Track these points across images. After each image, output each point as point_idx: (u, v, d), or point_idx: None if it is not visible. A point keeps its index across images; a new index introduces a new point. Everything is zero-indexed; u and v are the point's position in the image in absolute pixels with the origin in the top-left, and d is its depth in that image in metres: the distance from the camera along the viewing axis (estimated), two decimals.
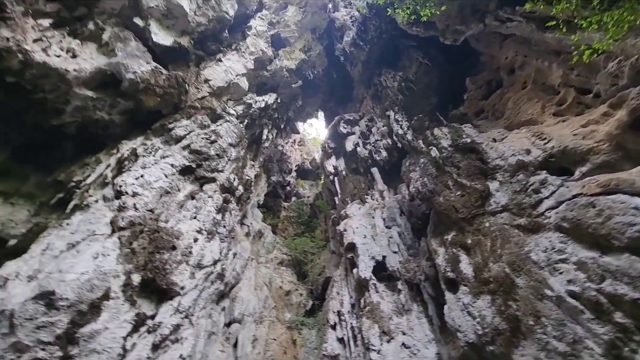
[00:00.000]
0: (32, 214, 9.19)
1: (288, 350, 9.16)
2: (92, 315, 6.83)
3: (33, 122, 9.80)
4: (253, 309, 9.65)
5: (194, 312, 8.24)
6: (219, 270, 9.53)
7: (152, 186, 9.19)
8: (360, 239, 10.76)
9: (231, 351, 8.17)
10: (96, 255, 7.43)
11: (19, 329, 6.22)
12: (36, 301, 6.47)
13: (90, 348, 6.48)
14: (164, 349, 7.34)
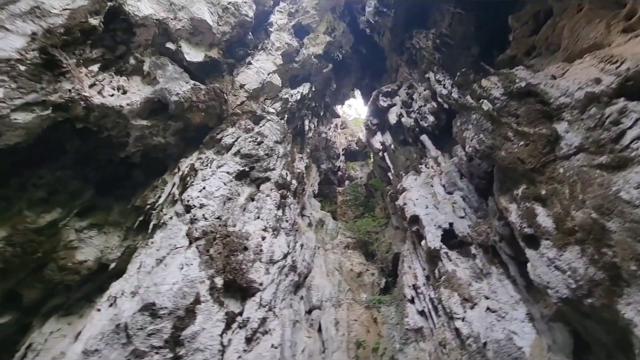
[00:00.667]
0: (122, 239, 10.37)
1: (370, 328, 9.36)
2: (190, 319, 7.58)
3: (105, 158, 10.95)
4: (329, 294, 9.98)
5: (275, 305, 8.75)
6: (290, 263, 9.97)
7: (215, 195, 9.81)
8: (422, 210, 10.49)
9: (317, 336, 8.58)
10: (181, 266, 8.18)
11: (134, 338, 7.12)
12: (142, 313, 7.34)
13: (194, 347, 7.21)
14: (256, 341, 7.92)
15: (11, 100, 8.01)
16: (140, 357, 6.88)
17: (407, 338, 8.26)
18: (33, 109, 8.47)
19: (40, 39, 8.66)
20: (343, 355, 8.44)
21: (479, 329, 7.08)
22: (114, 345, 7.15)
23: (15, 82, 8.08)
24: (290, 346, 8.05)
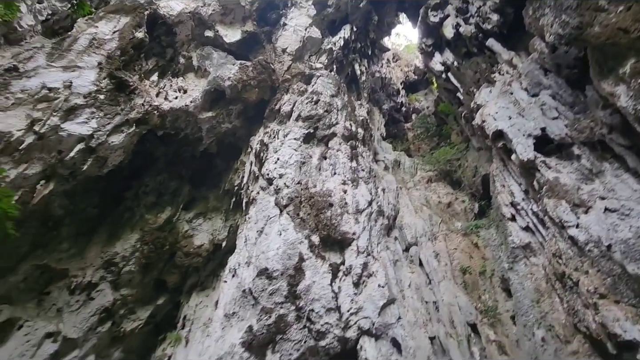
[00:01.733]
0: (224, 220, 11.68)
1: (473, 254, 9.23)
2: (300, 275, 8.40)
3: (188, 155, 12.16)
4: (422, 229, 10.01)
5: (372, 249, 9.14)
6: (377, 208, 10.16)
7: (289, 163, 10.26)
8: (505, 123, 9.51)
9: (420, 270, 8.82)
10: (279, 233, 8.95)
11: (260, 299, 8.20)
12: (259, 277, 8.35)
13: (311, 298, 8.04)
14: (363, 284, 8.47)
15: (104, 127, 9.26)
16: (268, 312, 7.95)
17: (515, 256, 7.95)
18: (122, 130, 9.68)
19: (105, 67, 9.66)
20: (449, 283, 8.56)
21: (598, 233, 6.43)
22: (245, 307, 8.37)
23: (102, 111, 9.27)
24: (396, 283, 8.45)
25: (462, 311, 7.77)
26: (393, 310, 7.87)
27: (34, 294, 8.65)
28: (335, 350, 7.66)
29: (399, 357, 7.21)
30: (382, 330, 7.70)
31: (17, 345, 7.78)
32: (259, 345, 7.61)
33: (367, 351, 7.46)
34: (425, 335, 7.37)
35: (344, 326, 7.84)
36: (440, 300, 8.06)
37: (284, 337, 7.74)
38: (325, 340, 7.72)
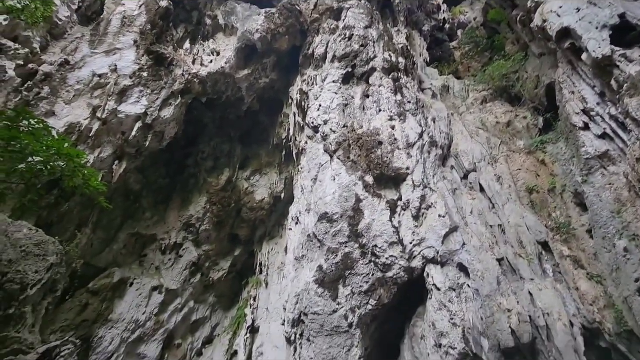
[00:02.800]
0: (278, 173, 12.17)
1: (539, 171, 8.62)
2: (358, 215, 8.66)
3: (234, 116, 12.52)
4: (480, 154, 9.49)
5: (428, 181, 9.00)
6: (428, 140, 9.77)
7: (332, 107, 10.08)
8: (571, 17, 8.16)
9: (481, 195, 8.54)
10: (332, 178, 9.13)
11: (324, 241, 8.70)
12: (320, 222, 8.78)
13: (372, 235, 8.33)
14: (423, 216, 8.51)
15: (154, 103, 9.79)
16: (334, 252, 8.46)
17: (590, 167, 7.27)
18: (169, 102, 10.16)
19: (141, 44, 9.92)
20: (515, 204, 8.22)
21: None
22: (312, 249, 8.97)
23: (148, 88, 9.73)
24: (456, 211, 8.34)
25: (530, 231, 7.52)
26: (456, 238, 7.89)
27: (135, 257, 10.14)
28: (402, 279, 8.04)
29: (467, 280, 7.37)
30: (447, 257, 7.84)
31: (133, 298, 9.38)
32: (330, 281, 8.24)
33: (434, 277, 7.71)
34: (493, 257, 7.35)
35: (408, 257, 8.11)
36: (505, 222, 7.85)
37: (352, 272, 8.27)
38: (391, 271, 8.10)
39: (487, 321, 6.52)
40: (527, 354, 6.19)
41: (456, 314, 7.05)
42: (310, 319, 8.08)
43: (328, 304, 8.09)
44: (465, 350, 6.72)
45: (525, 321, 6.18)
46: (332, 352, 7.72)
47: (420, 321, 7.75)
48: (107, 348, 8.65)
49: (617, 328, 5.78)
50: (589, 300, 6.25)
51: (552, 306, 6.21)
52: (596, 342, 6.20)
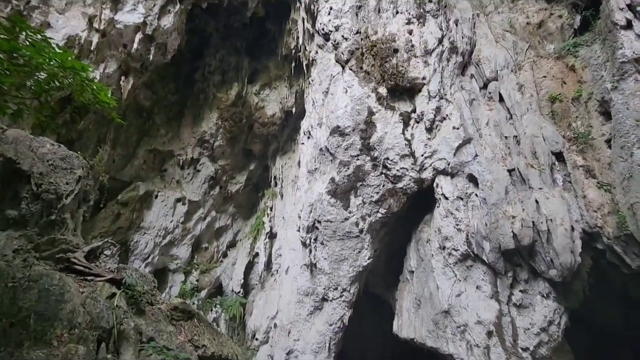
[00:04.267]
0: (289, 87, 11.78)
1: (566, 79, 8.02)
2: (371, 128, 8.57)
3: (239, 24, 11.62)
4: (504, 61, 8.78)
5: (445, 92, 8.59)
6: (448, 46, 9.00)
7: (344, 11, 9.18)
8: None
9: (499, 106, 8.15)
10: (345, 90, 8.80)
11: (336, 154, 8.82)
12: (333, 135, 8.78)
13: (384, 148, 8.37)
14: (437, 129, 8.38)
15: (152, 11, 9.08)
16: (346, 165, 8.64)
17: (624, 72, 6.69)
18: (168, 10, 9.41)
19: None
20: (534, 115, 7.90)
21: None
22: (325, 163, 9.17)
23: None
24: (472, 123, 8.13)
25: (546, 141, 7.37)
26: (469, 150, 7.85)
27: (156, 172, 10.66)
28: (412, 190, 8.32)
29: (475, 190, 7.57)
30: (457, 169, 7.94)
31: (160, 209, 10.17)
32: (342, 192, 8.61)
33: (444, 187, 7.94)
34: (504, 168, 7.40)
35: (419, 169, 8.25)
36: (522, 133, 7.67)
37: (364, 184, 8.56)
38: (401, 182, 8.34)
39: (491, 227, 6.89)
40: (525, 255, 6.68)
41: (462, 221, 7.45)
42: (324, 226, 8.69)
43: (340, 212, 8.59)
44: (467, 252, 7.28)
45: (528, 226, 6.50)
46: (344, 254, 8.48)
47: (426, 227, 8.26)
48: (143, 250, 9.75)
49: (617, 232, 6.06)
50: (594, 207, 6.43)
51: (556, 213, 6.45)
52: (593, 245, 6.58)
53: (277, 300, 9.29)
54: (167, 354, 3.97)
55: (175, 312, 4.86)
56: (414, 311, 7.75)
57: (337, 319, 8.36)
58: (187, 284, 9.93)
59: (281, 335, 8.63)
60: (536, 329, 6.38)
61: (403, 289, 8.36)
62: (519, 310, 6.64)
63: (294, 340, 8.41)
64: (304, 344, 8.30)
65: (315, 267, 8.76)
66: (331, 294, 8.47)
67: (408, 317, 7.81)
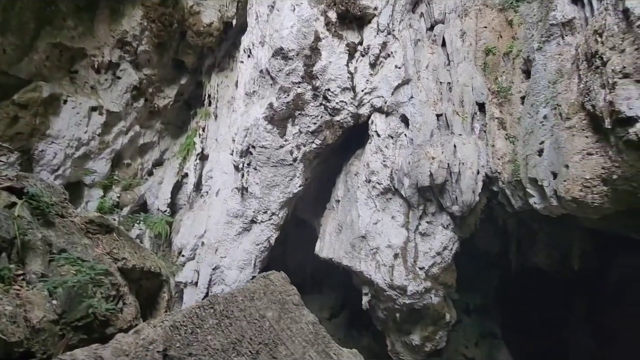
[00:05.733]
0: None
1: (503, 33, 8.41)
2: (316, 55, 8.24)
3: None
4: (453, 4, 8.73)
5: (394, 27, 8.43)
6: None
7: None
8: None
9: (441, 50, 8.36)
10: (292, 8, 8.12)
11: (277, 79, 8.43)
12: (275, 58, 8.28)
13: (327, 78, 8.21)
14: (380, 65, 8.38)
15: None
16: (286, 91, 8.37)
17: (550, 34, 7.23)
18: None
19: None
20: (469, 65, 8.30)
21: None
22: (264, 86, 8.75)
23: None
24: (413, 64, 8.28)
25: (474, 92, 7.93)
26: (406, 90, 8.11)
27: (64, 72, 9.09)
28: (348, 124, 8.51)
29: (406, 131, 8.04)
30: (393, 108, 8.24)
31: (70, 116, 8.94)
32: (280, 119, 8.46)
33: (378, 125, 8.27)
34: (433, 113, 7.89)
35: (358, 104, 8.36)
36: (455, 81, 8.09)
37: (302, 113, 8.47)
38: (339, 116, 8.44)
39: (413, 165, 7.54)
40: (436, 192, 7.57)
41: (389, 158, 7.99)
42: (258, 152, 8.63)
43: (276, 139, 8.54)
44: (389, 186, 7.98)
45: (443, 167, 7.27)
46: (276, 180, 8.67)
47: (357, 161, 8.71)
48: (51, 161, 8.71)
49: (510, 178, 7.12)
50: (499, 156, 7.38)
51: (468, 157, 7.26)
52: (490, 187, 7.70)
53: (206, 220, 9.36)
54: (81, 265, 3.87)
55: (91, 226, 4.63)
56: (335, 235, 8.52)
57: (264, 239, 8.83)
58: (107, 199, 9.36)
59: (208, 252, 8.91)
60: (433, 252, 7.58)
61: (328, 216, 9.02)
62: (422, 238, 7.72)
63: (221, 257, 8.78)
64: (230, 260, 8.73)
65: (246, 191, 8.85)
66: (260, 217, 8.79)
67: (329, 240, 8.59)
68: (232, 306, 2.87)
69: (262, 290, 3.04)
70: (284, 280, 3.17)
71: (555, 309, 10.91)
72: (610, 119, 5.30)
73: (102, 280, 4.16)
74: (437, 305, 7.74)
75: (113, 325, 4.06)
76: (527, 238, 9.14)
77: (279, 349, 2.72)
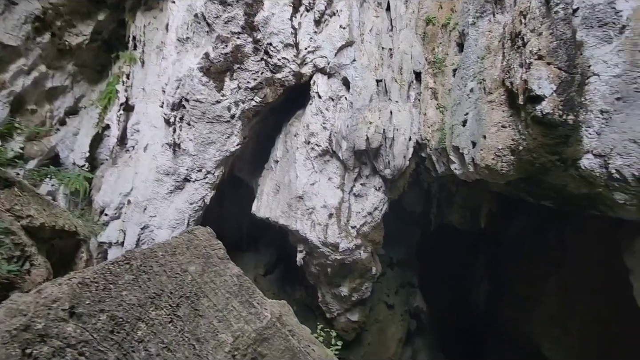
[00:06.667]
0: None
1: (444, 4, 8.60)
2: (257, 4, 7.70)
3: None
4: None
5: None
6: None
7: None
8: None
9: (385, 15, 8.34)
10: None
11: (214, 26, 7.77)
12: (212, 2, 7.57)
13: (269, 31, 7.78)
14: (325, 23, 8.13)
15: None
16: (225, 42, 7.78)
17: (484, 11, 7.65)
18: None
19: None
20: (410, 33, 8.49)
21: None
22: (200, 34, 8.01)
23: None
24: (358, 26, 8.18)
25: (413, 60, 8.21)
26: (349, 53, 8.06)
27: None
28: (290, 83, 8.29)
29: (346, 94, 8.11)
30: (335, 70, 8.18)
31: None
32: (217, 71, 7.90)
33: (319, 86, 8.19)
34: (374, 78, 8.02)
35: (301, 62, 8.13)
36: (396, 47, 8.24)
37: (242, 67, 8.01)
38: (281, 73, 8.16)
39: (351, 129, 7.74)
40: (371, 156, 7.95)
41: (328, 120, 8.06)
42: (192, 106, 8.06)
43: (212, 94, 8.03)
44: (327, 148, 8.13)
45: (379, 133, 7.58)
46: (212, 137, 8.27)
47: (297, 122, 8.64)
48: None
49: (437, 145, 7.71)
50: (429, 124, 7.90)
51: (402, 124, 7.66)
52: (419, 153, 8.29)
53: (133, 177, 8.66)
54: None
55: None
56: (272, 195, 8.56)
57: (198, 198, 8.53)
58: (7, 150, 8.06)
59: (136, 211, 8.36)
60: (365, 212, 8.09)
61: (266, 176, 8.96)
62: (356, 199, 8.15)
63: (150, 217, 8.32)
64: (160, 220, 8.32)
65: (179, 148, 8.32)
66: (194, 175, 8.40)
67: (267, 199, 8.61)
68: (151, 261, 2.76)
69: (185, 245, 2.97)
70: (209, 235, 3.13)
71: (462, 261, 12.66)
72: (523, 96, 5.93)
73: (2, 239, 3.75)
74: (365, 260, 8.41)
75: (19, 287, 3.71)
76: (445, 200, 10.20)
77: (201, 301, 2.75)
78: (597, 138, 5.39)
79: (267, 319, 2.93)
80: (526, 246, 10.67)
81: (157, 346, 2.50)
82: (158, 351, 2.49)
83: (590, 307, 8.50)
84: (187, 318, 2.63)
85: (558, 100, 5.49)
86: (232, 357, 2.63)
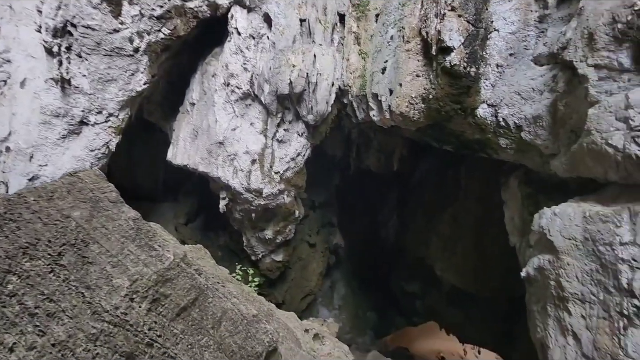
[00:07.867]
0: None
1: None
2: None
3: None
4: None
5: None
6: None
7: None
8: None
9: None
10: None
11: None
12: None
13: None
14: None
15: None
16: None
17: None
18: None
19: None
20: None
21: None
22: None
23: None
24: None
25: (337, 1, 7.95)
26: None
27: None
28: (204, 14, 7.40)
29: (268, 32, 7.60)
30: (256, 4, 7.51)
31: None
32: None
33: (238, 21, 7.49)
34: (297, 17, 7.60)
35: None
36: None
37: None
38: (193, 2, 7.20)
39: (274, 72, 7.41)
40: (294, 101, 7.82)
41: (249, 61, 7.56)
42: (82, 33, 6.74)
43: (108, 20, 6.78)
44: (249, 91, 7.73)
45: (302, 77, 7.42)
46: (113, 74, 7.15)
47: (214, 61, 7.92)
48: None
49: (358, 92, 7.91)
50: (351, 70, 7.98)
51: (325, 69, 7.59)
52: (342, 99, 8.44)
53: (9, 119, 7.15)
54: None
55: None
56: (190, 141, 8.00)
57: (101, 144, 7.52)
58: None
59: (19, 159, 7.04)
60: (288, 158, 8.15)
61: (182, 120, 8.25)
62: (279, 145, 8.11)
63: (40, 166, 7.11)
64: (54, 169, 7.19)
65: (69, 84, 7.02)
66: (93, 118, 7.29)
67: (184, 146, 8.03)
68: (19, 208, 2.42)
69: (65, 188, 2.65)
70: (97, 177, 2.84)
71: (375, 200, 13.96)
72: (436, 46, 6.31)
73: None
74: (289, 204, 8.68)
75: None
76: (364, 145, 10.83)
77: (90, 248, 2.56)
78: (492, 90, 6.12)
79: (170, 260, 2.85)
80: (429, 185, 12.15)
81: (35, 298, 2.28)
82: (37, 303, 2.27)
83: (472, 231, 10.32)
84: (72, 266, 2.43)
85: (464, 53, 6.00)
86: (130, 300, 2.55)
